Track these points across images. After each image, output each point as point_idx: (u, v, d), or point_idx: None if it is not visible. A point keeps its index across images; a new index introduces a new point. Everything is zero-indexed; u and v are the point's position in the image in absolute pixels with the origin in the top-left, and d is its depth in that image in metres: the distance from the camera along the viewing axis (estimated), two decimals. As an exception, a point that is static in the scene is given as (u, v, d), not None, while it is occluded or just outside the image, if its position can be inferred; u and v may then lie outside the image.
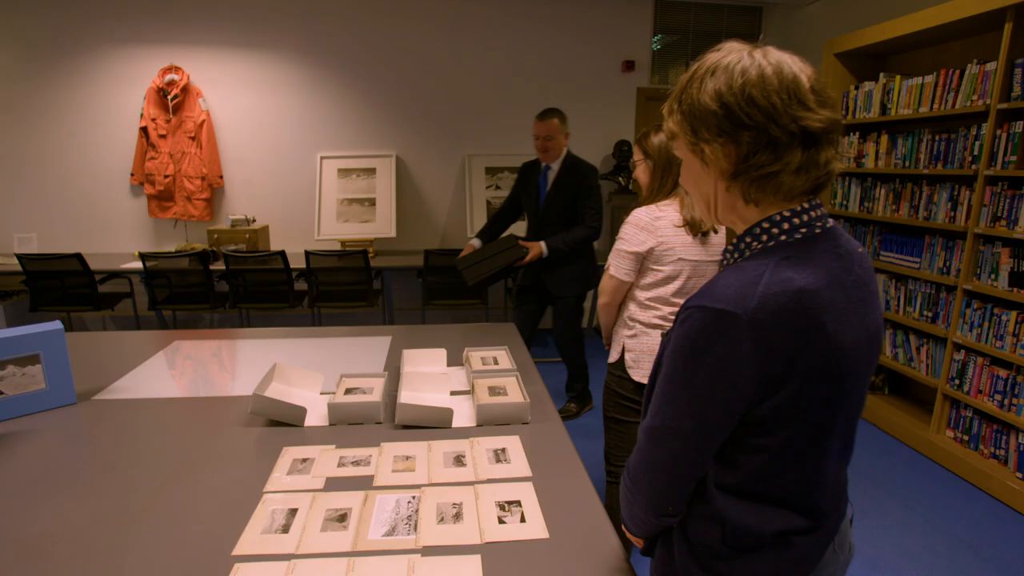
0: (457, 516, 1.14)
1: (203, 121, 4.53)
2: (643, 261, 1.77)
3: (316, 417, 1.55)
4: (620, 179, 4.91)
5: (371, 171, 4.73)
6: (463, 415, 1.56)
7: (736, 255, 0.82)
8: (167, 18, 4.48)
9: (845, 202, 3.71)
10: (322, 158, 4.74)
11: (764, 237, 0.78)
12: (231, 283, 4.11)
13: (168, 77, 4.44)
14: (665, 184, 1.78)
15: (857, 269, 0.78)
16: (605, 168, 5.09)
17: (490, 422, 1.52)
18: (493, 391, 1.63)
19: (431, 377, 1.67)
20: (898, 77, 3.27)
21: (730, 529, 0.81)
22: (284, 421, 1.51)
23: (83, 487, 1.25)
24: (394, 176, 4.74)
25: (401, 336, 2.28)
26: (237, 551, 1.04)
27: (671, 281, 1.75)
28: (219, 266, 4.11)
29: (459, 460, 1.34)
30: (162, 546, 1.06)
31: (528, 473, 1.30)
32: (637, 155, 1.85)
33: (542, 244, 2.97)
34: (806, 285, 0.72)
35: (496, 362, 1.86)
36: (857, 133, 3.60)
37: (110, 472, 1.31)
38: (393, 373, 1.84)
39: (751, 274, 0.73)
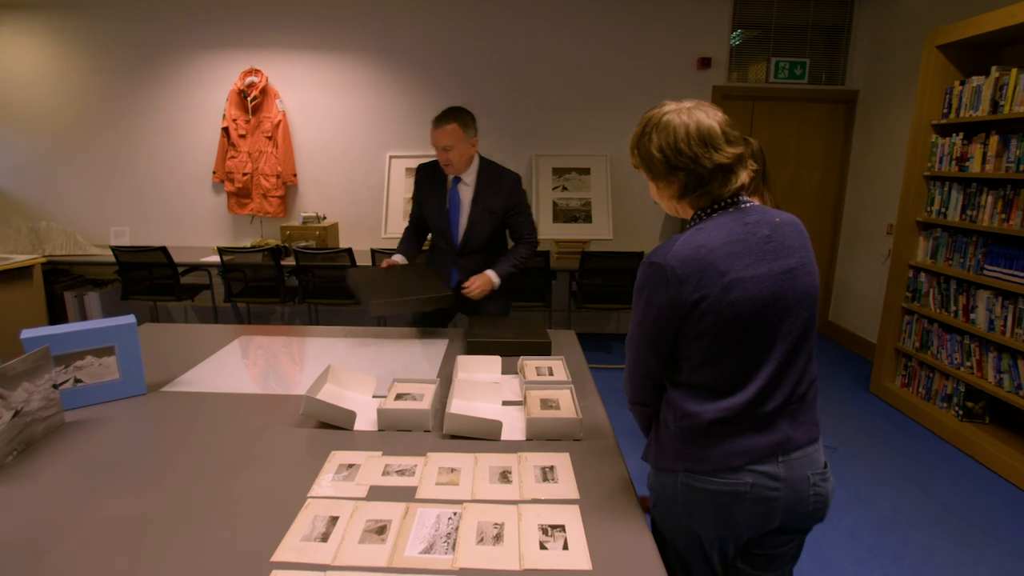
0: (497, 538, 1.09)
1: (279, 121, 4.71)
2: None
3: (366, 421, 1.54)
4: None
5: (438, 171, 4.76)
6: (513, 428, 1.50)
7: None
8: (249, 23, 4.69)
9: (943, 210, 3.39)
10: (391, 157, 4.82)
11: (697, 219, 1.20)
12: (300, 279, 4.24)
13: (248, 79, 4.64)
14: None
15: (766, 231, 1.15)
16: (676, 169, 4.90)
17: (540, 437, 1.46)
18: (545, 404, 1.56)
19: (484, 386, 1.63)
20: (1014, 71, 2.94)
21: (679, 412, 1.18)
22: (334, 424, 1.50)
23: (143, 478, 1.29)
24: (460, 176, 4.75)
25: (459, 339, 2.26)
26: (276, 557, 1.04)
27: None
28: (290, 262, 4.26)
29: (505, 476, 1.29)
30: (206, 544, 1.07)
31: (575, 495, 1.23)
32: None
33: (491, 275, 2.36)
34: (704, 242, 1.11)
35: (551, 372, 1.80)
36: (961, 134, 3.27)
37: (168, 464, 1.35)
38: (445, 379, 1.81)
39: (674, 239, 1.14)
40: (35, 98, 4.87)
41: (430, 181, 2.47)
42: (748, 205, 1.18)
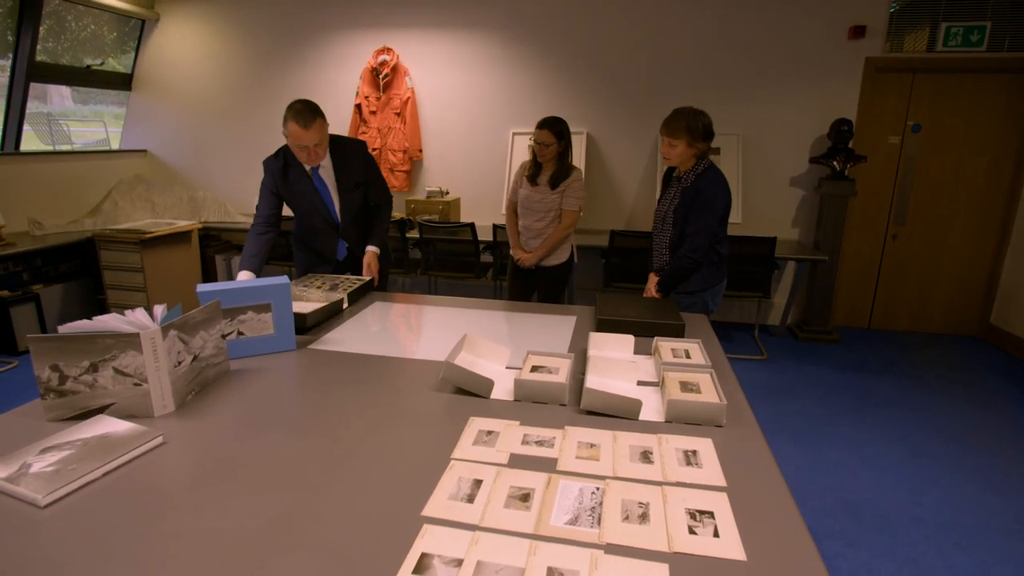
0: (643, 517, 1.06)
1: (408, 98, 4.87)
2: None
3: (501, 391, 1.55)
4: (835, 163, 4.32)
5: (560, 148, 4.71)
6: (650, 409, 1.46)
7: (692, 176, 2.55)
8: (382, 3, 4.86)
9: None
10: (514, 134, 4.83)
11: (701, 165, 2.56)
12: (423, 251, 4.40)
13: (381, 58, 4.83)
14: (568, 157, 3.15)
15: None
16: (817, 150, 4.52)
17: (680, 420, 1.40)
18: (685, 387, 1.50)
19: (618, 364, 1.59)
20: None
21: (718, 257, 2.63)
22: (471, 391, 1.53)
23: (298, 425, 1.38)
24: (584, 154, 4.68)
25: (588, 316, 2.23)
26: (426, 512, 1.07)
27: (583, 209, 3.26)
28: (414, 234, 4.42)
29: (646, 456, 1.25)
30: (362, 491, 1.13)
31: (722, 482, 1.17)
32: (551, 139, 3.02)
33: (375, 250, 2.65)
34: (723, 176, 2.57)
35: (688, 355, 1.72)
36: None
37: (320, 415, 1.44)
38: (579, 355, 1.79)
39: (713, 174, 2.54)
40: (196, 82, 5.39)
41: (289, 172, 2.55)
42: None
